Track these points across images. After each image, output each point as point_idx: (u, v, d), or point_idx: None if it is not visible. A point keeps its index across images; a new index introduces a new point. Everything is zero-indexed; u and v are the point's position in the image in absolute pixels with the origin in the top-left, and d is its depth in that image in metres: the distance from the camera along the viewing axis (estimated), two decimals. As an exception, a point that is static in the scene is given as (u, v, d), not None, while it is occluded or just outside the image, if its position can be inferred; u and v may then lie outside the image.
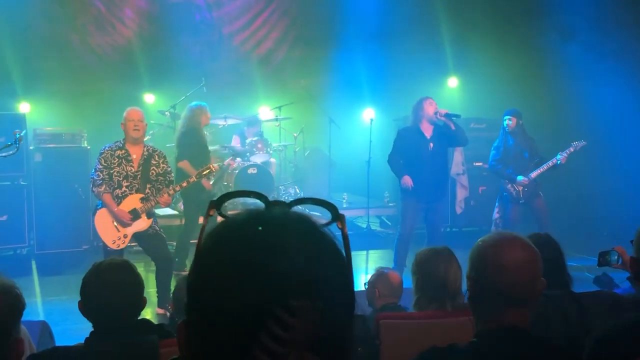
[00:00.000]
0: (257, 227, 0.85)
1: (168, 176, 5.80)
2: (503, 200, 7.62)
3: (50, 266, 7.52)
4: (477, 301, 1.88)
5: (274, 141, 9.95)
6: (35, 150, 8.04)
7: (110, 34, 10.67)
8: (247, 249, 0.83)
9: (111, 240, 5.62)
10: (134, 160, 5.66)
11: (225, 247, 0.86)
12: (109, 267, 2.65)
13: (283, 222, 0.87)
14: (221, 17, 11.22)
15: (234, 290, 0.81)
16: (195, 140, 7.20)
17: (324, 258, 0.86)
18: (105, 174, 5.58)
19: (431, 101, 6.68)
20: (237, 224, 0.88)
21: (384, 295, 3.63)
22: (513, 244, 1.87)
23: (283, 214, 0.89)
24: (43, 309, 6.20)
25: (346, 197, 10.14)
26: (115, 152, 5.64)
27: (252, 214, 0.89)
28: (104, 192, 5.55)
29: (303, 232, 0.87)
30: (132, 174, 5.64)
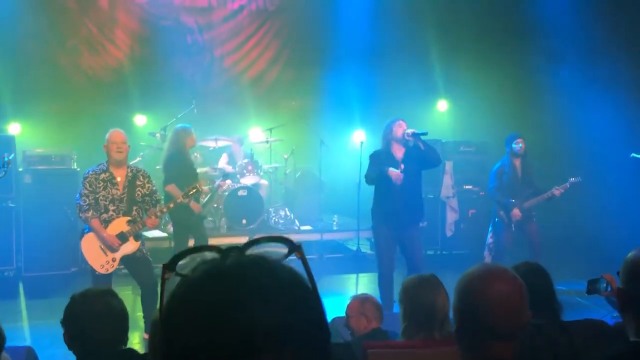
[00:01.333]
0: (213, 286, 0.84)
1: (154, 196, 5.74)
2: (496, 225, 7.63)
3: (37, 289, 7.45)
4: (463, 333, 1.87)
5: (264, 163, 9.96)
6: (25, 172, 8.00)
7: (101, 55, 10.70)
8: (208, 311, 0.82)
9: (99, 264, 5.54)
10: (118, 183, 5.60)
11: (186, 311, 0.84)
12: (93, 296, 2.62)
13: (239, 273, 0.85)
14: (212, 39, 11.28)
15: (202, 355, 0.81)
16: (181, 163, 7.08)
17: (287, 301, 0.84)
18: (91, 198, 5.51)
19: (400, 122, 6.40)
20: (194, 285, 0.86)
21: (374, 318, 3.61)
22: (500, 277, 1.86)
23: (238, 263, 0.87)
24: (30, 333, 6.14)
25: (336, 219, 10.13)
26: (100, 176, 5.57)
27: (207, 270, 0.87)
28: (91, 217, 5.49)
29: (261, 279, 0.85)
30: (118, 197, 5.57)
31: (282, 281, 0.86)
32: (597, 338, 2.59)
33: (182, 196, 5.94)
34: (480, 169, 9.49)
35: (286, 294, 0.84)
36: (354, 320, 3.66)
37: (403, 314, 2.98)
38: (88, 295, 2.64)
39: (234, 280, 0.84)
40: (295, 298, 0.85)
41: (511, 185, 7.46)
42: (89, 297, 2.62)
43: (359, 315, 3.64)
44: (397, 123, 6.37)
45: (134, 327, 5.81)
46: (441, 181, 9.07)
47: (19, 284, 7.75)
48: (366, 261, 9.10)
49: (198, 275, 0.87)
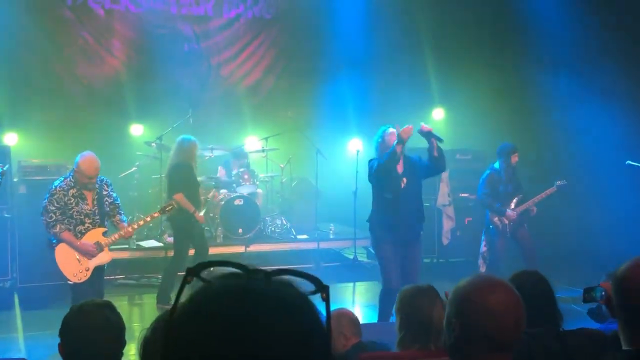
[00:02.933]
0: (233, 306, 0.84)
1: (116, 202, 5.77)
2: (489, 233, 7.66)
3: (33, 300, 7.41)
4: (460, 345, 1.87)
5: (260, 172, 9.96)
6: (20, 183, 7.98)
7: (98, 64, 10.70)
8: (223, 327, 0.83)
9: (72, 273, 5.54)
10: (87, 198, 5.59)
11: (201, 320, 0.85)
12: (91, 309, 2.61)
13: (261, 301, 0.85)
14: (209, 48, 11.29)
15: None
16: (187, 173, 7.15)
17: (297, 345, 0.84)
18: (58, 214, 5.47)
19: (391, 130, 5.97)
20: (216, 298, 0.86)
21: (352, 334, 3.49)
22: (498, 288, 1.87)
23: (262, 291, 0.87)
24: (25, 344, 6.11)
25: (333, 228, 10.12)
26: (69, 192, 5.51)
27: (231, 287, 0.87)
28: (60, 231, 5.47)
29: (279, 315, 0.85)
30: (90, 211, 5.59)
31: (299, 323, 0.86)
32: (593, 347, 2.58)
33: (159, 211, 6.04)
34: (476, 176, 9.44)
35: (300, 339, 0.84)
36: (338, 339, 3.46)
37: (399, 324, 2.97)
38: (85, 309, 2.63)
39: (255, 306, 0.84)
40: (306, 341, 0.85)
41: (504, 191, 7.50)
42: (86, 310, 2.60)
43: (336, 335, 3.42)
44: (389, 132, 5.98)
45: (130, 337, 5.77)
46: (437, 189, 9.08)
47: (14, 294, 7.72)
48: (363, 270, 9.09)
49: (221, 289, 0.87)
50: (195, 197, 7.21)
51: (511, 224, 7.49)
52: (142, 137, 10.37)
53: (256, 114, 11.23)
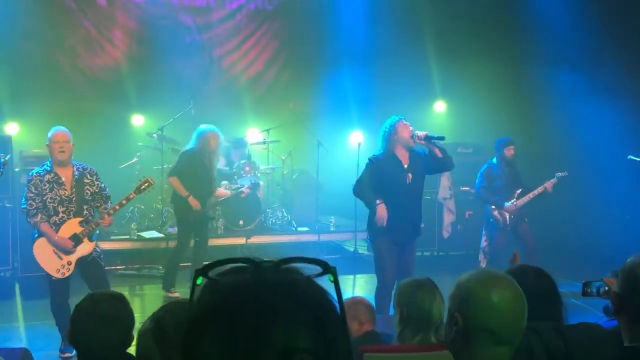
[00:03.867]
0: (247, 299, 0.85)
1: (104, 193, 5.54)
2: (490, 227, 7.68)
3: (34, 289, 7.40)
4: (461, 339, 1.87)
5: (261, 164, 9.95)
6: (21, 172, 7.98)
7: (99, 55, 10.69)
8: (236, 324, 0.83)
9: (55, 269, 5.37)
10: (65, 183, 5.39)
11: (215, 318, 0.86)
12: (104, 298, 2.63)
13: (273, 291, 0.86)
14: (211, 39, 11.27)
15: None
16: (191, 160, 7.17)
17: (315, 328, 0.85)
18: (38, 201, 5.30)
19: (405, 122, 5.66)
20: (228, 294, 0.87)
21: (367, 321, 3.58)
22: (500, 282, 1.87)
23: (273, 280, 0.88)
24: (26, 334, 6.13)
25: (333, 220, 10.13)
26: (45, 177, 5.36)
27: (241, 282, 0.88)
28: (40, 221, 5.30)
29: (293, 302, 0.86)
30: (67, 197, 5.36)
31: (313, 306, 0.87)
32: (593, 342, 2.58)
33: (134, 191, 5.68)
34: (477, 170, 9.48)
35: (315, 321, 0.85)
36: (350, 324, 3.63)
37: (399, 318, 2.98)
38: (98, 297, 2.65)
39: (268, 297, 0.85)
40: (323, 326, 0.86)
41: (502, 185, 7.52)
42: (99, 299, 2.62)
43: (351, 319, 3.56)
44: (402, 123, 5.64)
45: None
46: (438, 183, 9.08)
47: (15, 284, 7.74)
48: (363, 262, 9.09)
49: (232, 285, 0.88)
50: (196, 185, 7.15)
51: (511, 218, 7.49)
52: (144, 128, 10.37)
53: (258, 106, 11.23)
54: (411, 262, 5.84)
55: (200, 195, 7.21)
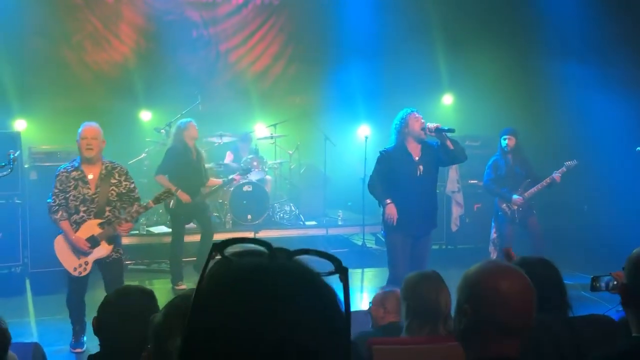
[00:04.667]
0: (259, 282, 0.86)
1: (132, 194, 5.35)
2: (498, 219, 7.68)
3: (44, 285, 7.47)
4: (470, 331, 1.87)
5: (269, 158, 9.96)
6: (31, 169, 8.03)
7: (107, 50, 10.71)
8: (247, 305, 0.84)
9: (72, 267, 5.29)
10: (90, 182, 5.23)
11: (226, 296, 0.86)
12: (135, 291, 2.68)
13: (286, 278, 0.87)
14: (218, 34, 11.27)
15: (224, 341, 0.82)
16: (176, 156, 7.32)
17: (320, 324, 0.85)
18: (61, 198, 5.20)
19: (417, 115, 5.62)
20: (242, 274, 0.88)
21: (393, 311, 3.64)
22: (509, 273, 1.87)
23: (286, 268, 0.89)
24: (37, 329, 6.17)
25: (341, 214, 10.14)
26: (71, 174, 5.23)
27: (256, 264, 0.89)
28: (60, 219, 5.20)
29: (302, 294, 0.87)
30: (89, 197, 5.20)
31: (324, 302, 0.87)
32: (602, 334, 2.59)
33: (153, 201, 5.44)
34: (486, 163, 9.46)
35: (322, 317, 0.86)
36: (373, 309, 3.72)
37: (406, 311, 2.99)
38: (130, 290, 2.70)
39: (280, 283, 0.86)
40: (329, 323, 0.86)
41: (508, 177, 7.52)
42: (130, 291, 2.66)
43: (378, 306, 3.68)
44: (414, 115, 5.61)
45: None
46: (446, 176, 9.06)
47: (25, 280, 7.79)
48: (372, 256, 9.11)
49: (246, 267, 0.89)
50: (185, 179, 7.23)
51: (520, 210, 7.48)
52: (151, 123, 10.40)
53: (264, 101, 11.23)
54: (425, 254, 5.80)
55: (190, 188, 7.28)
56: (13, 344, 3.85)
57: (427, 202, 5.72)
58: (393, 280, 5.62)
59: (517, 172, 7.54)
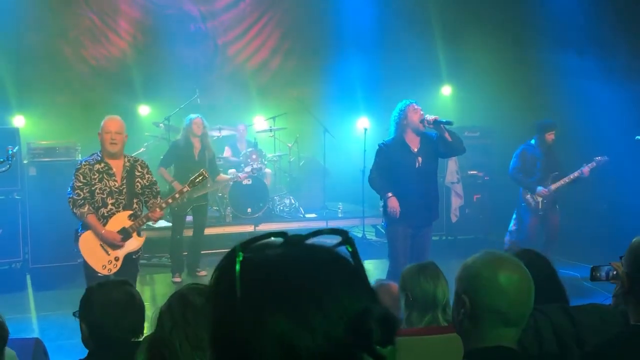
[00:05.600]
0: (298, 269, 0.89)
1: (154, 187, 5.20)
2: (521, 210, 7.44)
3: (44, 280, 7.50)
4: (469, 321, 1.88)
5: (268, 152, 9.96)
6: (30, 164, 8.03)
7: (104, 45, 10.69)
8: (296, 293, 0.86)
9: (101, 265, 4.98)
10: (116, 174, 5.02)
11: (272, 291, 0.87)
12: (113, 285, 2.68)
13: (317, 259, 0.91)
14: (215, 28, 11.25)
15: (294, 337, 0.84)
16: (177, 150, 7.57)
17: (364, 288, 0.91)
18: (86, 191, 4.92)
19: (415, 107, 5.60)
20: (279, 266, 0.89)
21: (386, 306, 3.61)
22: (507, 263, 1.87)
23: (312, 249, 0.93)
24: (38, 325, 6.18)
25: (341, 207, 10.14)
26: (94, 166, 4.98)
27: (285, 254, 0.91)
28: (87, 212, 4.89)
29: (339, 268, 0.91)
30: (117, 189, 4.99)
31: (354, 269, 0.93)
32: (601, 322, 2.59)
33: (188, 184, 5.28)
34: (485, 153, 9.49)
35: (360, 282, 0.91)
36: None
37: (405, 303, 3.00)
38: (106, 284, 2.68)
39: (319, 265, 0.90)
40: (366, 286, 0.92)
41: (537, 169, 7.28)
42: (108, 286, 2.66)
43: None
44: (412, 107, 5.60)
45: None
46: (446, 167, 9.06)
47: (26, 275, 7.80)
48: (372, 248, 9.12)
49: (280, 259, 0.90)
50: (183, 173, 7.29)
51: (544, 202, 7.25)
52: (150, 118, 10.40)
53: (263, 94, 11.22)
54: (426, 246, 5.79)
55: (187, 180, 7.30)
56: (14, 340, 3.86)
57: (427, 193, 5.70)
58: (394, 272, 5.58)
59: (543, 164, 7.31)
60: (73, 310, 2.69)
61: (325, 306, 0.84)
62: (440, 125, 5.53)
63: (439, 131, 5.57)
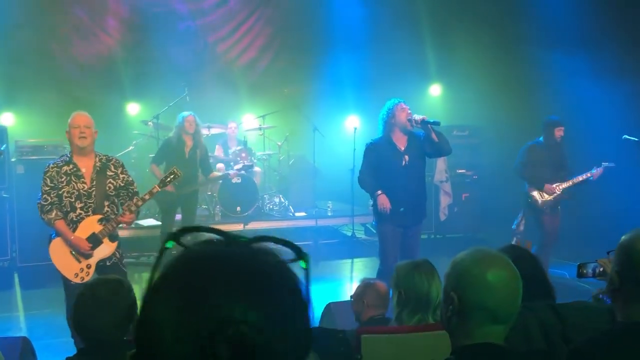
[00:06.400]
0: (211, 267, 0.84)
1: (131, 187, 4.87)
2: (527, 208, 7.33)
3: (32, 279, 7.44)
4: (458, 318, 1.88)
5: (258, 150, 9.94)
6: (17, 162, 7.98)
7: (93, 43, 10.64)
8: (193, 291, 0.82)
9: (73, 273, 4.68)
10: (84, 175, 4.72)
11: (174, 284, 0.85)
12: (100, 282, 2.67)
13: (239, 262, 0.86)
14: (205, 26, 11.22)
15: (171, 328, 0.81)
16: (167, 147, 7.61)
17: (268, 305, 0.83)
18: (53, 195, 4.66)
19: (403, 106, 5.63)
20: (190, 262, 0.87)
21: (373, 305, 3.61)
22: (495, 261, 1.88)
23: (241, 253, 0.87)
24: (25, 323, 6.15)
25: (331, 205, 10.15)
26: (62, 169, 4.70)
27: (209, 251, 0.88)
28: (55, 218, 4.64)
29: (257, 277, 0.85)
30: (85, 192, 4.69)
31: (276, 289, 0.85)
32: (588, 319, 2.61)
33: (159, 185, 4.95)
34: (473, 152, 9.53)
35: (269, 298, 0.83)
36: (354, 303, 3.69)
37: (397, 300, 2.99)
38: (95, 282, 2.68)
39: (221, 267, 0.84)
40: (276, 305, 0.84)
41: (545, 166, 7.15)
42: (95, 285, 2.65)
43: (358, 300, 3.63)
44: (400, 106, 5.63)
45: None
46: (435, 165, 9.09)
47: (13, 274, 7.75)
48: (361, 246, 9.14)
49: (197, 255, 0.87)
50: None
51: (550, 200, 7.12)
52: (139, 116, 10.36)
53: (253, 92, 11.20)
54: (415, 245, 5.81)
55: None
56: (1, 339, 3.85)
57: (414, 192, 5.73)
58: (384, 271, 5.63)
59: (551, 163, 7.18)
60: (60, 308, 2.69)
61: (194, 308, 0.80)
62: (427, 125, 5.56)
63: (426, 131, 5.60)
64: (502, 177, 9.47)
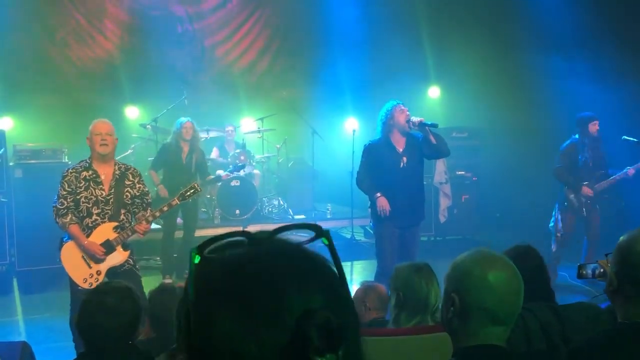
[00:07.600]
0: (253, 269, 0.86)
1: (145, 198, 4.92)
2: (563, 209, 7.18)
3: (31, 283, 7.43)
4: (458, 320, 1.88)
5: (257, 153, 9.94)
6: (16, 167, 7.97)
7: (91, 46, 10.64)
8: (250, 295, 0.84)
9: (82, 278, 4.71)
10: (103, 182, 4.76)
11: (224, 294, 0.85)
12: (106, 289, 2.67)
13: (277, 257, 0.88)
14: (203, 29, 11.23)
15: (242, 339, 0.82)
16: (166, 152, 7.64)
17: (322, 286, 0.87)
18: (70, 200, 4.68)
19: (402, 108, 5.64)
20: (232, 267, 0.87)
21: (374, 308, 3.60)
22: (496, 262, 1.88)
23: (273, 248, 0.90)
24: (25, 328, 6.14)
25: (330, 208, 10.13)
26: (81, 174, 4.74)
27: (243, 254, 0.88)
28: (69, 222, 4.65)
29: (297, 265, 0.88)
30: (103, 198, 4.73)
31: (316, 266, 0.89)
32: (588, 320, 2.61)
33: (178, 198, 5.07)
34: (473, 154, 9.52)
35: (321, 280, 0.88)
36: (360, 308, 3.63)
37: (395, 302, 2.98)
38: (101, 289, 2.69)
39: (273, 266, 0.86)
40: (331, 285, 0.88)
41: (582, 166, 7.02)
42: (101, 291, 2.65)
43: (359, 303, 3.62)
44: (399, 108, 5.63)
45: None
46: (434, 167, 9.08)
47: (12, 278, 7.73)
48: (360, 249, 9.13)
49: (234, 261, 0.88)
50: (170, 175, 7.53)
51: (587, 202, 7.01)
52: (138, 120, 10.35)
53: (251, 95, 11.20)
54: (413, 246, 5.79)
55: (172, 185, 7.30)
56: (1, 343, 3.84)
57: (412, 194, 5.73)
58: (381, 272, 5.62)
59: (592, 163, 7.04)
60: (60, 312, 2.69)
61: (268, 309, 0.82)
62: (425, 128, 5.57)
63: (424, 133, 5.61)
64: (502, 178, 9.49)
